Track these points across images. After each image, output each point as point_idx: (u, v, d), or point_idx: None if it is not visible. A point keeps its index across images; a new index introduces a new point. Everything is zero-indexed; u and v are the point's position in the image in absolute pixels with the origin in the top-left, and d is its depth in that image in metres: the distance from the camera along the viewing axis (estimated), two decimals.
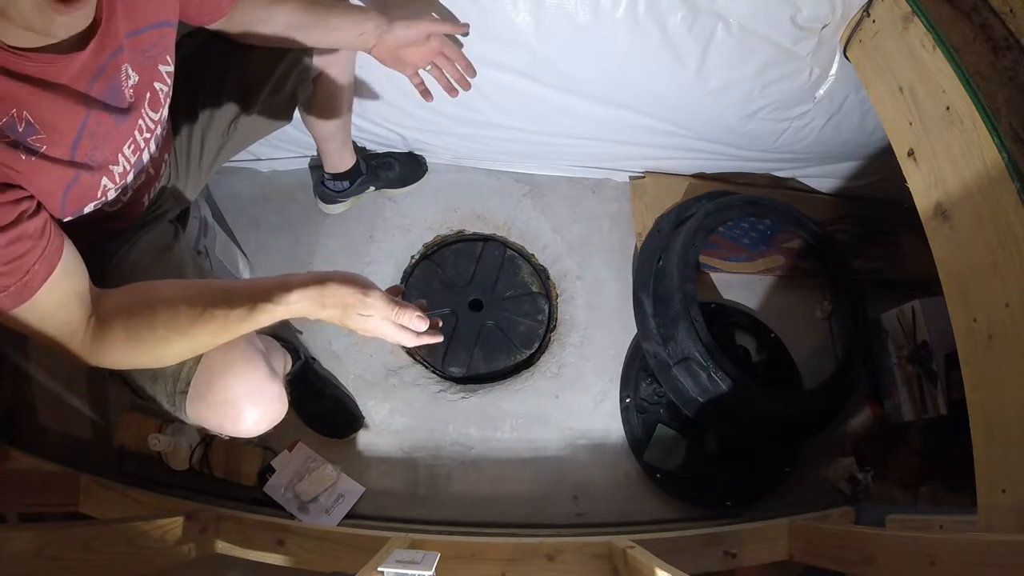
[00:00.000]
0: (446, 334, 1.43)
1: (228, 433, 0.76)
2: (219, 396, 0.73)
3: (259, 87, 0.96)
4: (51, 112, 0.60)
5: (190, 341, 0.66)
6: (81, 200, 0.69)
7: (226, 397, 0.73)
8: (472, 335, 1.43)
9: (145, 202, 0.87)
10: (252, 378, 0.74)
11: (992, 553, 0.70)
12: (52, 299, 0.62)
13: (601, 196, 1.56)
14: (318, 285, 0.66)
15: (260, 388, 0.75)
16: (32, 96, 0.58)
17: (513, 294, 1.47)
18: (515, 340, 1.44)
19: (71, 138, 0.63)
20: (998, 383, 0.77)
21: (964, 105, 0.84)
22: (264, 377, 0.75)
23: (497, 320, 1.44)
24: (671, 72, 1.13)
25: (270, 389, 0.76)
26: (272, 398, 0.76)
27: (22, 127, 0.58)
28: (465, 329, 1.43)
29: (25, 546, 0.75)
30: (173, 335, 0.65)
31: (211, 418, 0.75)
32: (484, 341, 1.43)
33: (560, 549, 1.00)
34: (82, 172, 0.66)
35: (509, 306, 1.46)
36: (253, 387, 0.74)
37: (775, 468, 1.36)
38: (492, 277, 1.48)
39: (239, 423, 0.74)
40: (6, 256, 0.57)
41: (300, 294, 0.65)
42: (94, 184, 0.70)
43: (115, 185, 0.74)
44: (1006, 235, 0.77)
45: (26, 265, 0.59)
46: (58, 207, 0.66)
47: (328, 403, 1.29)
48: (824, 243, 1.39)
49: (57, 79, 0.60)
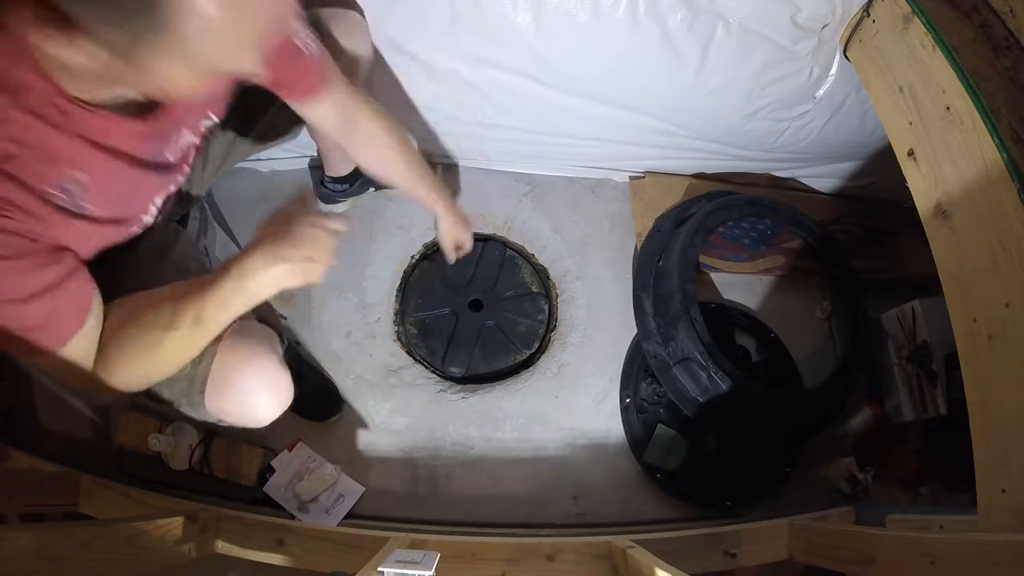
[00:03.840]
0: (446, 334, 1.43)
1: (246, 423, 0.80)
2: (237, 389, 0.77)
3: (267, 104, 0.96)
4: (103, 172, 0.63)
5: (179, 337, 0.68)
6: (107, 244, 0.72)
7: (244, 389, 0.77)
8: (472, 335, 1.43)
9: None
10: (266, 370, 0.78)
11: (992, 553, 0.70)
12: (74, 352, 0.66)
13: (601, 196, 1.56)
14: (260, 243, 0.67)
15: (274, 379, 0.79)
16: (87, 155, 0.60)
17: (513, 294, 1.47)
18: (515, 340, 1.44)
19: (114, 197, 0.66)
20: (998, 383, 0.77)
21: (964, 105, 0.84)
22: (277, 368, 0.80)
23: (497, 320, 1.44)
24: (671, 72, 1.13)
25: (283, 379, 0.80)
26: (284, 388, 0.81)
27: (74, 188, 0.61)
28: (465, 329, 1.43)
29: (25, 546, 0.75)
30: (162, 334, 0.67)
31: (231, 411, 0.78)
32: (484, 341, 1.43)
33: (560, 549, 1.00)
34: (118, 226, 0.70)
35: (509, 306, 1.46)
36: (268, 378, 0.79)
37: (775, 468, 1.36)
38: (492, 277, 1.48)
39: (258, 413, 0.79)
40: (45, 311, 0.61)
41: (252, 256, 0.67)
42: (123, 232, 0.73)
43: (141, 227, 0.77)
44: (1006, 235, 0.77)
45: (61, 319, 0.63)
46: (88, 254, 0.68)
47: (311, 386, 1.29)
48: (824, 243, 1.39)
49: (111, 140, 0.62)
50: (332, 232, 0.70)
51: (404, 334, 1.43)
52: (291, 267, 0.68)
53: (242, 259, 0.67)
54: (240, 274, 0.67)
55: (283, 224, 0.69)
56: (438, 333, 1.43)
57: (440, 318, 1.43)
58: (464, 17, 1.02)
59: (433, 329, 1.43)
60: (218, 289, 0.67)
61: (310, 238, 0.68)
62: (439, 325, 1.43)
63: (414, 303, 1.44)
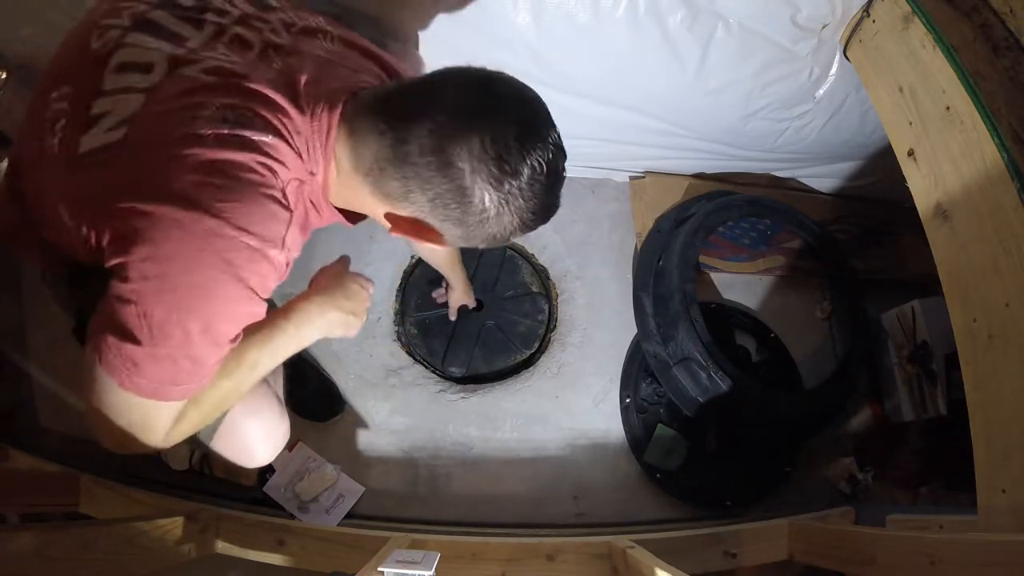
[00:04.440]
0: (446, 334, 1.43)
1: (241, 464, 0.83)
2: (239, 437, 0.80)
3: None
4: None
5: (237, 381, 0.67)
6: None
7: (245, 439, 0.80)
8: (472, 335, 1.43)
9: None
10: (268, 421, 0.82)
11: (992, 553, 0.70)
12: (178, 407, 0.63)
13: (601, 196, 1.56)
14: (316, 293, 0.75)
15: (274, 428, 0.82)
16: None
17: (513, 294, 1.47)
18: (515, 340, 1.44)
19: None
20: (998, 383, 0.77)
21: (964, 105, 0.84)
22: (278, 417, 0.83)
23: (497, 320, 1.44)
24: (671, 72, 1.13)
25: (282, 427, 0.84)
26: (282, 435, 0.84)
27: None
28: (465, 329, 1.43)
29: (25, 546, 0.75)
30: (225, 380, 0.65)
31: (230, 454, 0.81)
32: (484, 341, 1.43)
33: (560, 549, 1.00)
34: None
35: (509, 306, 1.46)
36: (269, 428, 0.82)
37: (775, 468, 1.36)
38: (492, 277, 1.48)
39: (254, 459, 0.82)
40: (216, 361, 0.60)
41: (311, 303, 0.73)
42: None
43: None
44: (1006, 235, 0.77)
45: (208, 374, 0.61)
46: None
47: (312, 386, 1.30)
48: (824, 243, 1.39)
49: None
50: (369, 291, 0.81)
51: (404, 334, 1.43)
52: (342, 317, 0.75)
53: (301, 306, 0.73)
54: (299, 320, 0.71)
55: (333, 278, 0.78)
56: (438, 333, 1.43)
57: (440, 318, 1.43)
58: (464, 17, 1.02)
59: (433, 329, 1.43)
60: (280, 334, 0.69)
61: (356, 292, 0.78)
62: (439, 325, 1.43)
63: (414, 303, 1.44)
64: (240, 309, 0.59)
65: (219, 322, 0.58)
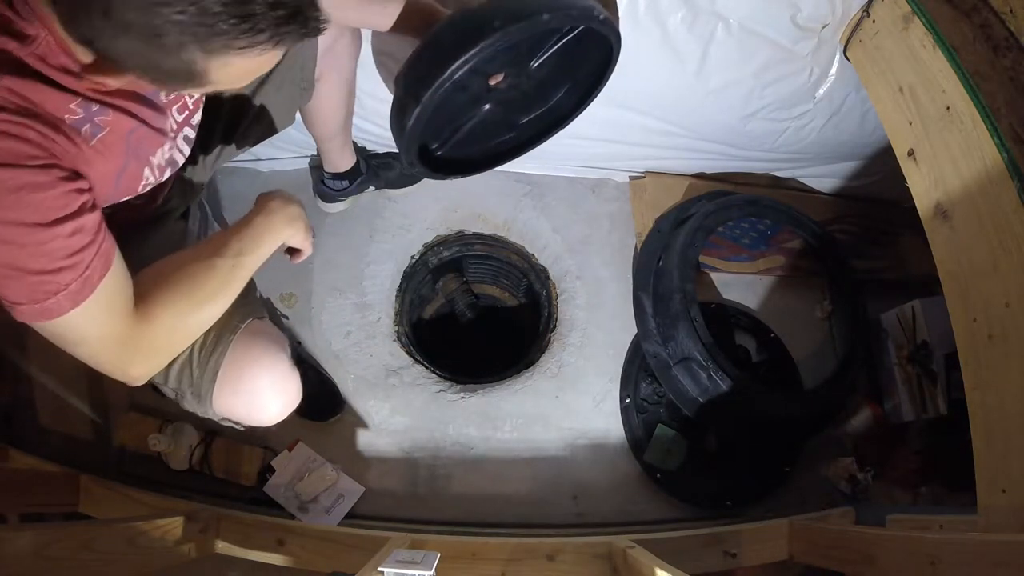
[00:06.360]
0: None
1: (253, 423, 0.81)
2: (247, 386, 0.79)
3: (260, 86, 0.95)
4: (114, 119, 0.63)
5: (223, 270, 0.71)
6: (125, 192, 0.71)
7: (253, 387, 0.79)
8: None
9: (160, 200, 0.88)
10: (275, 370, 0.80)
11: (992, 553, 0.70)
12: (104, 300, 0.61)
13: (601, 196, 1.56)
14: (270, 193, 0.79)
15: (283, 380, 0.81)
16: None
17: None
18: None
19: (127, 129, 0.65)
20: (998, 383, 0.77)
21: (964, 105, 0.84)
22: (286, 369, 0.82)
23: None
24: (671, 72, 1.13)
25: (292, 381, 0.83)
26: (293, 390, 0.83)
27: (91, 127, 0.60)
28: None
29: (25, 546, 0.75)
30: (207, 265, 0.70)
31: (239, 408, 0.80)
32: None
33: (560, 549, 1.00)
34: (131, 161, 0.68)
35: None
36: (278, 379, 0.80)
37: (775, 468, 1.36)
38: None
39: (264, 413, 0.81)
40: (68, 248, 0.56)
41: (271, 198, 0.78)
42: (138, 175, 0.72)
43: (155, 179, 0.76)
44: (1006, 235, 0.77)
45: (86, 260, 0.58)
46: (108, 196, 0.67)
47: (311, 386, 1.29)
48: (824, 243, 1.39)
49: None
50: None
51: (404, 334, 1.43)
52: (300, 211, 0.79)
53: (263, 201, 0.77)
54: (267, 210, 0.76)
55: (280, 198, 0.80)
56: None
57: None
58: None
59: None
60: (250, 225, 0.74)
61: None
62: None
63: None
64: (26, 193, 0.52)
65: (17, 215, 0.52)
